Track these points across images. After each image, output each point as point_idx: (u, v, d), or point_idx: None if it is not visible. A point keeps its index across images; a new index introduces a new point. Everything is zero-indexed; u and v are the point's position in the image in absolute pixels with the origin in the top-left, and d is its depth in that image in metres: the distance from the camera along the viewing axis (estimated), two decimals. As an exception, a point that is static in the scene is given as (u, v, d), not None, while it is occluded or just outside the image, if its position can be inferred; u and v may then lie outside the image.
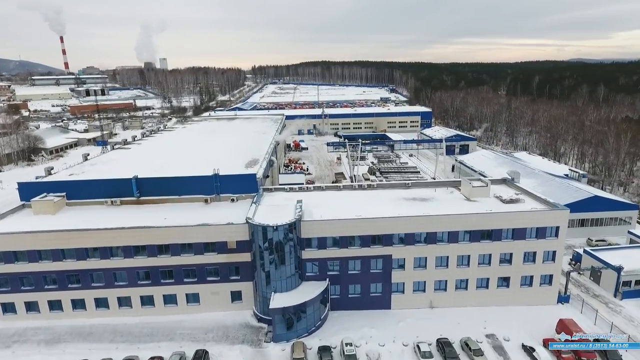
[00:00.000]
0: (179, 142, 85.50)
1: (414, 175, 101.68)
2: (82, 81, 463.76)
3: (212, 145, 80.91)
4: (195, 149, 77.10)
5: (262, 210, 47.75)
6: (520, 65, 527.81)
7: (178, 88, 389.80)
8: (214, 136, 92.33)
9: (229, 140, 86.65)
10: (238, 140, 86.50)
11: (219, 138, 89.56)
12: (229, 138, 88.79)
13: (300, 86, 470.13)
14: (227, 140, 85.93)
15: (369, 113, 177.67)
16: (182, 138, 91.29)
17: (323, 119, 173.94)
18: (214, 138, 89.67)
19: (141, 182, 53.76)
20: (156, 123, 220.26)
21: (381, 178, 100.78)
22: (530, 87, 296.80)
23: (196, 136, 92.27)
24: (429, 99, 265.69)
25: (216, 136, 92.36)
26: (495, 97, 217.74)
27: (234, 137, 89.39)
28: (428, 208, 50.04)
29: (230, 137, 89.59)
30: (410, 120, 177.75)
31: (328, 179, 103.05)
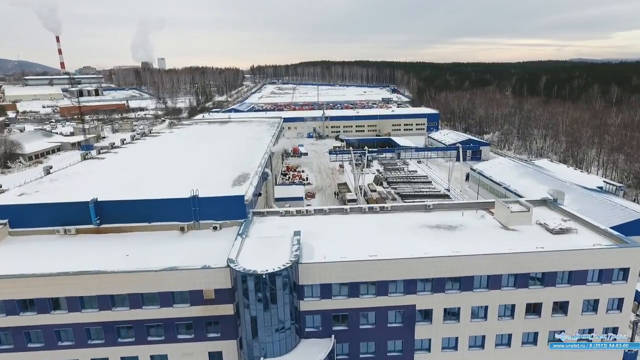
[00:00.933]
0: (161, 150, 75.24)
1: (425, 186, 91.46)
2: (76, 81, 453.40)
3: (198, 154, 70.64)
4: (178, 159, 66.80)
5: (250, 245, 37.54)
6: (524, 65, 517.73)
7: (174, 88, 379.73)
8: (202, 143, 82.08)
9: (219, 148, 76.38)
10: (228, 148, 76.24)
11: (208, 145, 79.30)
12: (218, 145, 78.52)
13: (299, 86, 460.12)
14: (216, 148, 75.65)
15: (372, 115, 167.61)
16: (167, 145, 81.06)
17: (323, 121, 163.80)
18: (202, 145, 79.43)
19: (102, 207, 43.54)
20: (148, 125, 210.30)
21: (388, 189, 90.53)
22: (537, 87, 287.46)
23: (182, 143, 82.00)
24: (433, 99, 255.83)
25: (205, 143, 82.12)
26: (504, 98, 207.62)
27: (225, 145, 79.12)
28: (458, 240, 39.84)
29: (220, 144, 79.32)
30: (416, 123, 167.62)
31: (330, 189, 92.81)
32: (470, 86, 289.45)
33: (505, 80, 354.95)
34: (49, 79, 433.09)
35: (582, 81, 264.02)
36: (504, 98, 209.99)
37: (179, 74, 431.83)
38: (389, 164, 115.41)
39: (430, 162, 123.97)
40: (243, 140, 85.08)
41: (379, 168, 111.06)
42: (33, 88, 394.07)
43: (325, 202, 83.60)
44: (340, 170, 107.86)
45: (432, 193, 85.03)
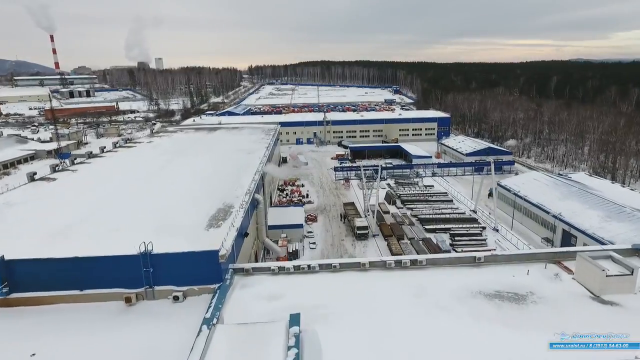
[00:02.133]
0: (130, 169, 61.60)
1: (446, 206, 77.80)
2: (68, 82, 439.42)
3: (173, 175, 56.98)
4: (146, 182, 53.16)
5: (221, 347, 23.85)
6: (529, 65, 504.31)
7: (169, 89, 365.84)
8: (181, 157, 68.43)
9: (200, 165, 62.73)
10: (212, 165, 62.58)
11: (187, 161, 65.68)
12: (200, 161, 64.85)
13: (298, 87, 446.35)
14: (197, 166, 62.00)
15: (378, 119, 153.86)
16: (138, 161, 67.42)
17: (325, 126, 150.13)
18: (180, 161, 65.78)
19: (13, 268, 29.97)
20: (137, 129, 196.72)
21: (403, 210, 76.87)
22: (547, 88, 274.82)
23: (158, 157, 68.29)
24: (440, 101, 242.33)
25: (184, 157, 68.48)
26: (518, 100, 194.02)
27: (208, 161, 65.42)
28: (538, 326, 26.45)
29: (203, 160, 65.63)
30: (425, 128, 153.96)
31: (335, 209, 79.10)
32: (478, 87, 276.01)
33: (514, 80, 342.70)
34: (39, 80, 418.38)
35: (597, 82, 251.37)
36: (517, 100, 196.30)
37: (174, 74, 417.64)
38: (400, 176, 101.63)
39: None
40: (231, 153, 71.38)
41: (390, 182, 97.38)
42: (23, 89, 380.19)
43: (330, 228, 69.93)
44: (345, 185, 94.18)
45: (457, 216, 71.42)
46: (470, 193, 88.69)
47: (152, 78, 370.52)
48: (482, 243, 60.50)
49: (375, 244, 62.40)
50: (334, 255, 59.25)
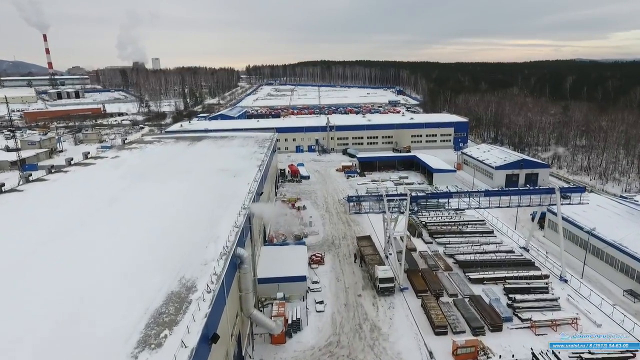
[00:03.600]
0: (69, 201, 44.96)
1: (486, 239, 61.15)
2: (59, 82, 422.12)
3: (119, 218, 40.36)
4: (69, 236, 36.42)
5: None
6: (536, 64, 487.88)
7: (161, 90, 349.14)
8: (145, 182, 51.76)
9: (165, 196, 46.10)
10: (182, 197, 45.92)
11: (151, 189, 49.03)
12: (167, 191, 48.15)
13: (298, 87, 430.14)
14: (160, 198, 45.43)
15: (388, 124, 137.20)
16: (84, 188, 50.70)
17: (328, 131, 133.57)
18: (141, 189, 49.15)
19: None
20: (122, 134, 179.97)
21: (433, 245, 60.22)
22: (562, 88, 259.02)
23: (112, 184, 51.54)
24: (449, 102, 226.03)
25: (150, 182, 51.78)
26: (537, 102, 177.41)
27: (178, 189, 48.66)
28: None
29: (171, 189, 48.89)
30: (440, 134, 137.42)
31: (345, 244, 62.42)
32: (489, 88, 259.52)
33: (523, 81, 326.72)
34: (27, 80, 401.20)
35: (617, 82, 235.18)
36: (537, 102, 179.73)
37: (168, 74, 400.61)
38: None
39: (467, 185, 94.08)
40: (212, 176, 54.70)
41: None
42: (9, 90, 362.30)
43: (342, 274, 53.26)
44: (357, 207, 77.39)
45: (506, 257, 54.74)
46: (508, 218, 72.13)
47: (145, 78, 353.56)
48: (554, 305, 43.86)
49: (405, 304, 45.73)
50: (350, 323, 42.62)
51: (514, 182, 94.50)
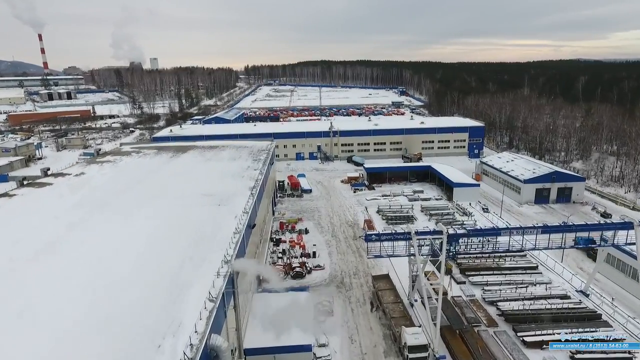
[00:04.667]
0: None
1: (531, 278, 49.59)
2: (52, 83, 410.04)
3: (51, 279, 28.71)
4: None
5: None
6: (541, 64, 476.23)
7: (156, 90, 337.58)
8: (105, 213, 40.20)
9: (125, 238, 34.51)
10: (144, 240, 34.29)
11: (106, 226, 37.43)
12: (127, 230, 36.56)
13: (298, 88, 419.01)
14: (118, 240, 33.83)
15: (397, 129, 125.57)
16: (27, 221, 39.12)
17: (332, 137, 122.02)
18: (98, 224, 37.62)
19: None
20: (111, 138, 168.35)
21: (469, 289, 48.59)
22: (573, 89, 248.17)
23: (61, 218, 39.92)
24: (457, 104, 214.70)
25: (109, 214, 40.22)
26: (557, 105, 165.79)
27: (142, 227, 37.05)
28: None
29: (134, 226, 37.29)
30: (454, 139, 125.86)
31: (358, 284, 50.83)
32: (499, 89, 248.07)
33: (530, 81, 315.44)
34: (19, 80, 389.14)
35: (634, 82, 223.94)
36: (553, 104, 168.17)
37: (163, 74, 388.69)
38: (439, 214, 73.72)
39: (493, 203, 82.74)
40: (190, 205, 43.08)
41: (428, 224, 69.39)
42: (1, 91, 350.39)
43: (356, 332, 41.66)
44: (368, 226, 65.83)
45: (562, 306, 43.15)
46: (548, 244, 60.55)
47: (139, 79, 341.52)
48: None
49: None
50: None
51: (545, 197, 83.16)
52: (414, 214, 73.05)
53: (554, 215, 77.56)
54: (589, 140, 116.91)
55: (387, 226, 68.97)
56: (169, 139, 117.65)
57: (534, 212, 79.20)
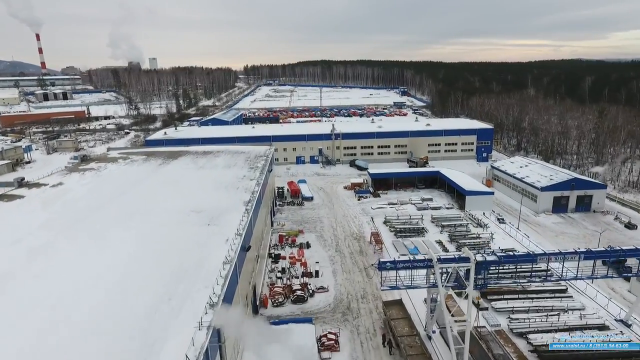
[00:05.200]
0: None
1: (561, 303, 43.93)
2: (49, 83, 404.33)
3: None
4: None
5: None
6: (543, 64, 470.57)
7: (154, 91, 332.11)
8: (75, 236, 34.55)
9: (93, 270, 28.82)
10: (118, 270, 28.60)
11: (78, 249, 31.79)
12: (101, 255, 30.93)
13: (298, 88, 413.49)
14: (84, 274, 28.15)
15: (401, 131, 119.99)
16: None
17: (334, 140, 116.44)
18: (64, 250, 31.99)
19: None
20: (104, 141, 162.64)
21: (492, 317, 42.89)
22: (579, 89, 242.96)
23: (23, 241, 34.27)
24: (461, 105, 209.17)
25: (82, 235, 34.55)
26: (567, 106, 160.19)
27: (117, 254, 31.34)
28: None
29: (108, 251, 31.64)
30: (461, 142, 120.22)
31: (366, 312, 45.16)
32: (504, 89, 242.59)
33: (533, 81, 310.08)
34: (14, 80, 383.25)
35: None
36: (567, 105, 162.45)
37: (161, 74, 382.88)
38: (452, 225, 68.01)
39: (508, 212, 77.18)
40: (175, 223, 37.44)
41: (440, 237, 63.74)
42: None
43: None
44: (375, 244, 60.16)
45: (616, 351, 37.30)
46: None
47: (136, 79, 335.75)
48: None
49: None
50: None
51: (563, 206, 77.57)
52: (424, 226, 67.24)
53: (574, 226, 72.02)
54: (604, 143, 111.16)
55: (396, 239, 63.40)
56: (163, 142, 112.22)
57: (552, 223, 73.56)
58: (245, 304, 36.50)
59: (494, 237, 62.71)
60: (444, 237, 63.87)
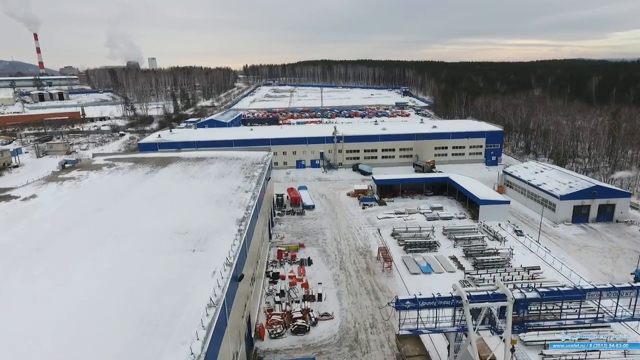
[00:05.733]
0: None
1: (607, 339, 38.35)
2: (46, 83, 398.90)
3: None
4: None
5: None
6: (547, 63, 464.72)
7: (151, 91, 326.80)
8: (32, 265, 29.03)
9: (51, 310, 23.29)
10: (79, 314, 23.04)
11: (30, 289, 26.16)
12: (54, 301, 25.27)
13: (298, 88, 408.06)
14: (40, 314, 22.59)
15: (407, 134, 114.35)
16: None
17: (336, 143, 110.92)
18: (20, 281, 26.43)
19: None
20: (97, 143, 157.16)
21: (523, 355, 37.38)
22: (585, 89, 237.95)
23: None
24: (465, 105, 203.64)
25: (40, 265, 28.99)
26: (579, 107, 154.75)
27: (77, 296, 25.75)
28: None
29: (68, 292, 26.02)
30: (469, 145, 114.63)
31: (376, 342, 39.67)
32: (508, 89, 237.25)
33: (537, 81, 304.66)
34: (10, 81, 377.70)
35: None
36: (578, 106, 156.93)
37: (158, 74, 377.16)
38: (466, 238, 62.44)
39: (526, 223, 71.71)
40: (155, 251, 31.84)
41: (454, 252, 58.19)
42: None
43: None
44: (386, 263, 54.52)
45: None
46: (599, 278, 49.56)
47: (134, 79, 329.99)
48: None
49: None
50: None
51: (584, 215, 72.06)
52: (436, 240, 61.62)
53: (597, 238, 66.49)
54: (622, 146, 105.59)
55: (406, 255, 57.88)
56: (157, 145, 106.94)
57: (573, 234, 68.02)
58: (238, 341, 31.00)
59: (513, 251, 57.19)
60: (458, 252, 58.35)
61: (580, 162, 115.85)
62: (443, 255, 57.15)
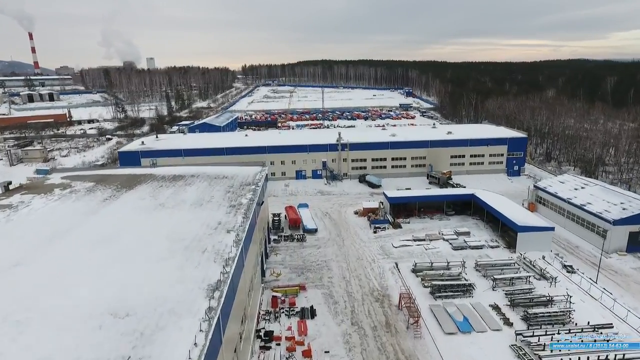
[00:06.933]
0: None
1: None
2: (37, 83, 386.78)
3: None
4: None
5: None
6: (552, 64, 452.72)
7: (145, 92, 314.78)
8: None
9: None
10: None
11: None
12: None
13: (297, 88, 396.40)
14: None
15: (419, 141, 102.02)
16: None
17: (340, 151, 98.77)
18: None
19: None
20: (80, 149, 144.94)
21: None
22: (598, 90, 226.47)
23: None
24: (475, 107, 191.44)
25: None
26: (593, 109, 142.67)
27: None
28: None
29: None
30: (489, 154, 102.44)
31: None
32: (519, 90, 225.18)
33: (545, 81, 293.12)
34: (1, 81, 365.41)
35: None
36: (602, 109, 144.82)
37: (153, 74, 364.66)
38: (507, 279, 50.11)
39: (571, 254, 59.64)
40: (72, 354, 19.68)
41: (495, 297, 46.10)
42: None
43: None
44: (412, 322, 42.23)
45: None
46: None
47: (127, 79, 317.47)
48: None
49: None
50: None
51: (639, 243, 59.92)
52: (471, 282, 49.14)
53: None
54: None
55: (434, 302, 45.67)
56: (139, 154, 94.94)
57: (631, 268, 55.87)
58: None
59: (572, 300, 44.96)
60: (499, 298, 46.18)
61: (610, 171, 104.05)
62: (481, 303, 44.96)
